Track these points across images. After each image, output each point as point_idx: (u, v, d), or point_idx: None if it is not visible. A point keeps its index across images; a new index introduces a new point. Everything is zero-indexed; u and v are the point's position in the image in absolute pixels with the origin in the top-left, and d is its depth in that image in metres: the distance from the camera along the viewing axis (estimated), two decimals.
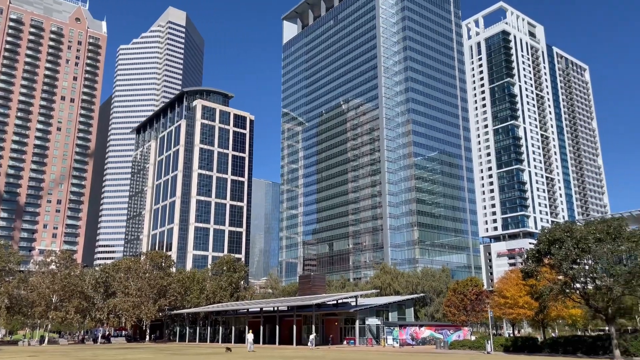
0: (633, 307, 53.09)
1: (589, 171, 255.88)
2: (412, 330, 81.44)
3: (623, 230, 49.85)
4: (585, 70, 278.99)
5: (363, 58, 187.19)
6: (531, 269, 55.24)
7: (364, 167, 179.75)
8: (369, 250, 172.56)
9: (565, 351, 58.45)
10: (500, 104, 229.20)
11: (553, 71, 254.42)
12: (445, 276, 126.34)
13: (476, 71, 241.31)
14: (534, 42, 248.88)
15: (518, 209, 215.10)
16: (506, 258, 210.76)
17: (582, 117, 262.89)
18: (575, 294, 54.06)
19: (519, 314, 69.35)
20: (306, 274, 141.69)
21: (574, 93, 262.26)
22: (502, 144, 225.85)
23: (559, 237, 52.12)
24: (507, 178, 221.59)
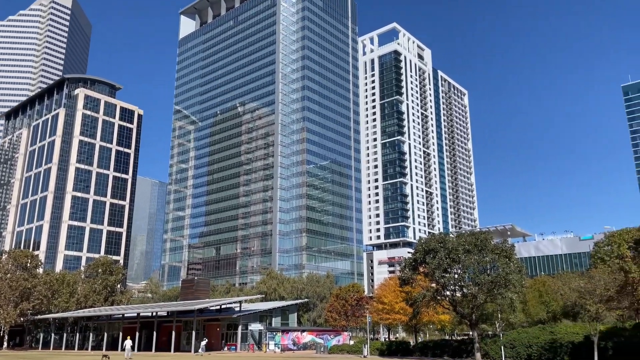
0: (494, 314, 58.35)
1: (463, 188, 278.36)
2: (294, 335, 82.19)
3: (488, 242, 54.76)
4: (465, 94, 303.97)
5: (261, 62, 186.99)
6: (408, 276, 58.56)
7: (256, 172, 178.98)
8: (257, 255, 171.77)
9: (433, 354, 62.65)
10: (389, 120, 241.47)
11: (437, 93, 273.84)
12: (329, 282, 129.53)
13: (369, 86, 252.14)
14: (421, 64, 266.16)
15: (400, 220, 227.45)
16: (387, 266, 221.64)
17: (460, 137, 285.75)
18: (445, 300, 58.25)
19: (394, 319, 73.06)
20: (190, 278, 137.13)
21: (454, 115, 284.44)
22: (388, 157, 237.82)
23: (433, 247, 55.89)
24: (391, 190, 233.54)
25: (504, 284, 51.63)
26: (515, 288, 52.04)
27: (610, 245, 65.51)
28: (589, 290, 49.04)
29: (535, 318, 67.76)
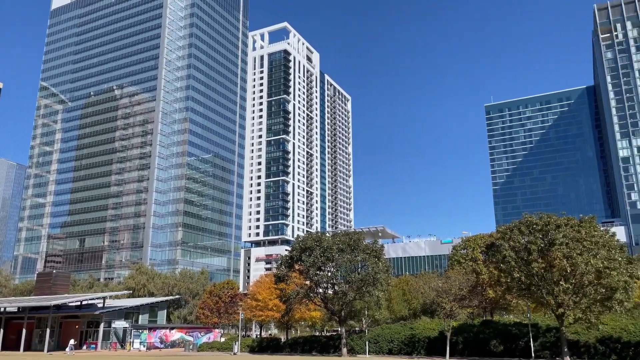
0: (361, 310, 61.20)
1: (342, 189, 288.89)
2: (162, 333, 78.87)
3: (360, 243, 57.36)
4: (349, 100, 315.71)
5: (144, 45, 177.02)
6: (283, 273, 59.21)
7: (132, 160, 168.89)
8: (127, 248, 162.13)
9: (303, 350, 64.02)
10: (275, 118, 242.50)
11: (323, 96, 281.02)
12: (203, 278, 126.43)
13: (257, 82, 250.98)
14: (310, 66, 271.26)
15: (280, 218, 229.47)
16: (264, 263, 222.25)
17: (342, 141, 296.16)
18: (318, 297, 59.88)
19: (267, 316, 73.36)
20: (47, 271, 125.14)
21: (338, 119, 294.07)
22: (272, 155, 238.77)
23: (310, 246, 57.17)
24: (273, 187, 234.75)
25: (372, 282, 54.43)
26: (382, 286, 55.13)
27: (466, 249, 72.11)
28: (446, 289, 53.54)
29: (398, 315, 72.34)
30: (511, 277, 46.69)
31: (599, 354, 47.76)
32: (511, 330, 53.03)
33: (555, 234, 44.61)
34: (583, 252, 43.07)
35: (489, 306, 62.22)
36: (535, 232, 45.98)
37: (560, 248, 43.54)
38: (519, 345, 51.08)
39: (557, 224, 45.60)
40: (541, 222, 46.30)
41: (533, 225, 46.59)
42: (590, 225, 45.82)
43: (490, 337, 52.87)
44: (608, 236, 45.89)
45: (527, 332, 50.30)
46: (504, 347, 51.63)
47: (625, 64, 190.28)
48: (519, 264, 46.11)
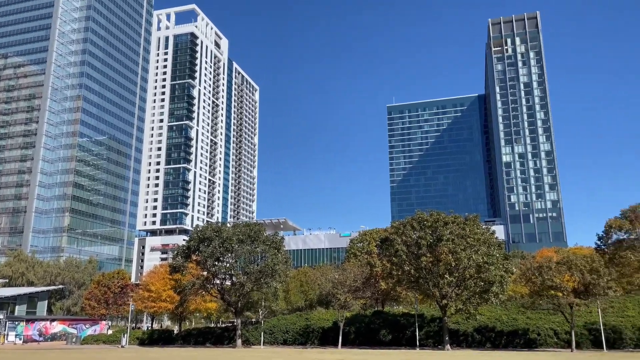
0: (259, 302, 61.14)
1: (245, 180, 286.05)
2: (41, 325, 73.01)
3: (261, 234, 57.20)
4: (257, 90, 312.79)
5: (35, 14, 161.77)
6: (179, 264, 57.43)
7: (14, 138, 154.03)
8: (4, 233, 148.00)
9: (196, 342, 62.66)
10: (178, 102, 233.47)
11: (230, 84, 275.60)
12: (91, 267, 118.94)
13: (161, 64, 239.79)
14: (218, 52, 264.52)
15: (179, 206, 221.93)
16: (159, 253, 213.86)
17: (248, 131, 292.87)
18: (214, 289, 58.88)
19: (160, 307, 70.72)
20: None
21: (244, 108, 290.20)
22: (174, 141, 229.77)
23: (209, 236, 55.94)
24: (173, 175, 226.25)
25: (271, 273, 54.58)
26: (281, 278, 55.52)
27: (362, 243, 74.77)
28: (341, 281, 55.15)
29: (295, 306, 73.31)
30: (402, 270, 49.24)
31: (476, 342, 51.93)
32: (399, 320, 55.94)
33: (443, 230, 47.73)
34: (466, 247, 46.53)
35: (380, 297, 65.10)
36: (426, 228, 48.87)
37: (447, 244, 46.68)
38: (406, 335, 54.06)
39: (445, 221, 48.80)
40: (431, 219, 49.29)
41: (424, 221, 49.47)
42: (474, 224, 49.59)
43: (381, 327, 55.39)
44: (488, 234, 50.00)
45: (413, 322, 53.35)
46: (392, 337, 54.34)
47: (513, 77, 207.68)
48: (410, 257, 48.77)
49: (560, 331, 49.50)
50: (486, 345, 51.43)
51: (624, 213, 66.68)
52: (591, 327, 48.71)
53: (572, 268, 46.32)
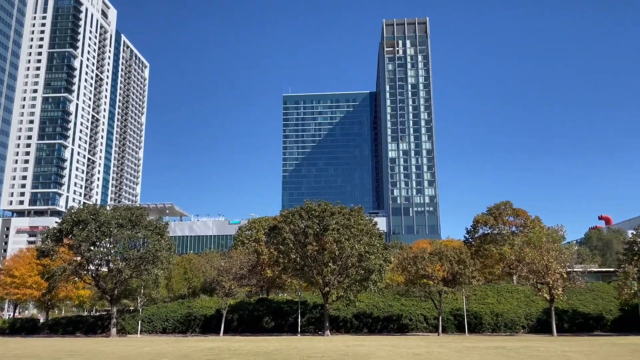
0: (138, 289, 58.37)
1: (130, 161, 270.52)
2: None
3: (143, 219, 54.50)
4: (147, 67, 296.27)
5: None
6: (48, 248, 52.88)
7: None
8: None
9: (65, 331, 58.32)
10: (56, 73, 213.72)
11: (117, 57, 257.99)
12: None
13: (37, 29, 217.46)
14: (105, 22, 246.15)
15: (52, 186, 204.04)
16: (27, 235, 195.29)
17: (135, 109, 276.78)
18: (88, 275, 55.11)
19: (25, 294, 64.69)
20: None
21: (132, 85, 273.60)
22: (49, 114, 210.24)
23: (84, 219, 52.10)
24: (47, 151, 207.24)
25: (152, 260, 52.34)
26: (163, 264, 53.46)
27: (250, 230, 74.45)
28: (227, 268, 54.52)
29: (178, 293, 71.06)
30: (289, 258, 49.90)
31: (354, 328, 54.36)
32: (283, 307, 56.75)
33: (329, 220, 49.10)
34: (350, 237, 48.35)
35: (266, 285, 65.41)
36: (314, 217, 49.93)
37: (332, 233, 48.12)
38: (289, 321, 55.01)
39: (332, 211, 50.23)
40: (319, 209, 50.46)
41: (312, 211, 50.50)
42: (359, 215, 51.65)
43: (264, 314, 55.76)
44: (371, 225, 52.37)
45: (297, 309, 54.41)
46: (275, 323, 54.99)
47: (402, 77, 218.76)
48: (297, 246, 49.57)
49: (429, 317, 53.52)
50: (363, 331, 54.07)
51: (490, 210, 73.60)
52: (456, 313, 53.26)
53: (443, 259, 50.20)
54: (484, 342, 32.87)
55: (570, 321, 52.78)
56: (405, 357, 21.73)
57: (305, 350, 26.40)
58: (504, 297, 57.03)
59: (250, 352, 25.66)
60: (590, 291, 56.61)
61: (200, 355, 24.46)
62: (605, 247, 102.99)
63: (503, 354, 22.95)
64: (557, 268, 48.25)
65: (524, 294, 56.82)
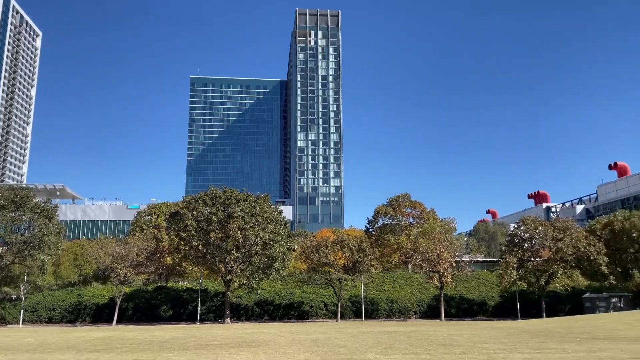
0: (21, 276, 53.81)
1: (15, 137, 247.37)
2: None
3: (29, 200, 50.19)
4: (39, 36, 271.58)
5: None
6: None
7: None
8: None
9: None
10: None
11: (5, 24, 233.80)
12: None
13: None
14: None
15: None
16: None
17: (23, 81, 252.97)
18: None
19: None
20: None
21: (21, 54, 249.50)
22: None
23: None
24: None
25: (38, 245, 48.50)
26: (50, 250, 49.72)
27: (150, 216, 71.55)
28: (122, 255, 51.98)
29: (67, 281, 66.53)
30: (190, 245, 48.62)
31: (255, 315, 54.40)
32: (182, 295, 55.32)
33: (234, 207, 48.48)
34: (255, 225, 48.13)
35: (165, 273, 63.33)
36: (218, 204, 49.02)
37: (237, 221, 47.58)
38: (188, 310, 53.75)
39: (237, 198, 49.63)
40: (224, 196, 49.62)
41: (217, 197, 49.54)
42: (264, 203, 51.52)
43: (162, 303, 53.98)
44: (277, 213, 52.52)
45: (197, 297, 53.29)
46: (173, 312, 53.45)
47: (313, 68, 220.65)
48: (199, 233, 48.41)
49: (329, 303, 54.96)
50: (264, 318, 54.28)
51: (390, 201, 76.93)
52: (355, 299, 55.19)
53: (345, 247, 51.71)
54: (378, 327, 34.38)
55: (457, 307, 56.82)
56: (304, 342, 22.12)
57: (203, 338, 25.95)
58: (399, 285, 60.05)
59: (145, 341, 24.72)
60: (475, 279, 61.32)
61: (89, 345, 23.12)
62: (491, 239, 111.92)
63: (395, 338, 24.15)
64: (448, 257, 51.67)
65: (417, 281, 60.18)
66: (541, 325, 33.16)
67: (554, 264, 49.53)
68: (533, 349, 19.16)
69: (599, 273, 47.53)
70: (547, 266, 50.13)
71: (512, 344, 21.08)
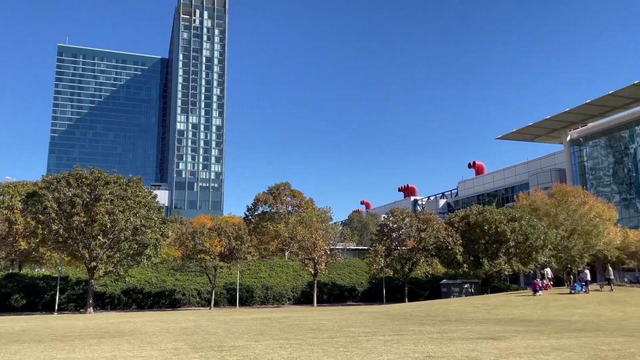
0: None
1: None
2: None
3: None
4: None
5: None
6: None
7: None
8: None
9: None
10: None
11: None
12: None
13: None
14: None
15: None
16: None
17: None
18: None
19: None
20: None
21: None
22: None
23: None
24: None
25: None
26: None
27: (3, 195, 64.13)
28: None
29: None
30: (49, 229, 44.54)
31: (122, 304, 51.53)
32: (39, 283, 50.63)
33: (102, 190, 45.28)
34: (125, 209, 45.40)
35: (19, 259, 57.38)
36: (84, 185, 45.43)
37: (105, 204, 44.49)
38: (45, 299, 49.35)
39: (106, 180, 46.39)
40: (91, 177, 46.10)
41: (82, 178, 45.86)
42: (137, 186, 48.79)
43: (14, 291, 48.91)
44: (150, 197, 50.06)
45: (55, 285, 49.04)
46: (27, 301, 48.73)
47: (197, 49, 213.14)
48: (61, 216, 44.50)
49: (203, 291, 53.93)
50: (132, 307, 51.65)
51: (270, 189, 77.40)
52: (230, 287, 54.77)
53: (222, 234, 50.97)
54: (251, 314, 34.51)
55: (329, 293, 59.07)
56: (172, 331, 21.44)
57: (59, 329, 23.95)
58: (275, 272, 60.81)
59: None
60: (347, 266, 64.23)
61: None
62: (363, 228, 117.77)
63: (267, 324, 24.42)
64: (323, 245, 53.40)
65: (293, 268, 61.41)
66: (403, 309, 35.75)
67: (417, 253, 53.57)
68: (394, 331, 20.56)
69: (454, 261, 52.31)
70: (411, 255, 54.06)
71: (376, 327, 22.45)
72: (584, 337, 17.85)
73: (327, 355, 13.32)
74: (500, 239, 50.69)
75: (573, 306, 33.43)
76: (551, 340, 16.81)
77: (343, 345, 15.66)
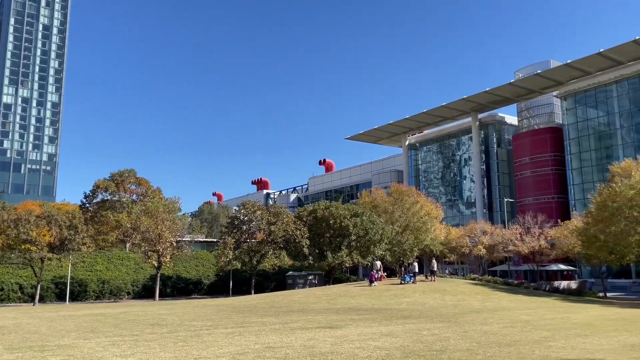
0: None
1: None
2: None
3: None
4: None
5: None
6: None
7: None
8: None
9: None
10: None
11: None
12: None
13: None
14: None
15: None
16: None
17: None
18: None
19: None
20: None
21: None
22: None
23: None
24: None
25: None
26: None
27: None
28: None
29: None
30: None
31: None
32: None
33: None
34: None
35: None
36: None
37: None
38: None
39: None
40: None
41: None
42: None
43: None
44: None
45: None
46: None
47: (33, 14, 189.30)
48: None
49: (26, 285, 48.27)
50: None
51: (113, 176, 72.08)
52: (59, 281, 49.79)
53: (52, 223, 46.09)
54: (83, 310, 31.76)
55: (173, 286, 56.96)
56: None
57: None
58: (114, 265, 56.83)
59: None
60: (195, 259, 62.56)
61: None
62: (214, 220, 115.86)
63: (100, 321, 22.67)
64: (169, 237, 51.24)
65: (134, 261, 57.97)
66: (248, 302, 35.92)
67: (266, 245, 54.25)
68: (237, 323, 20.53)
69: (301, 254, 54.04)
70: (260, 247, 54.55)
71: (219, 320, 22.20)
72: (409, 324, 19.70)
73: (165, 351, 12.79)
74: (344, 233, 53.65)
75: (402, 295, 36.72)
76: (381, 327, 18.26)
77: (183, 339, 15.19)
